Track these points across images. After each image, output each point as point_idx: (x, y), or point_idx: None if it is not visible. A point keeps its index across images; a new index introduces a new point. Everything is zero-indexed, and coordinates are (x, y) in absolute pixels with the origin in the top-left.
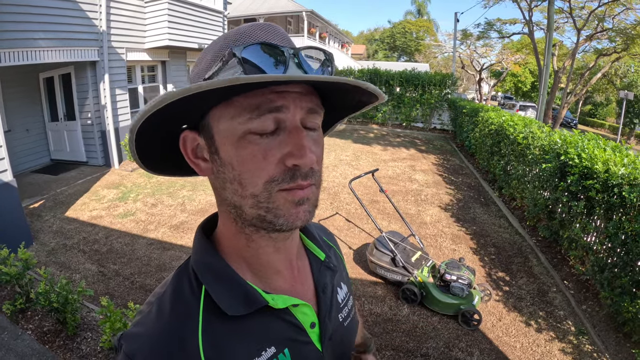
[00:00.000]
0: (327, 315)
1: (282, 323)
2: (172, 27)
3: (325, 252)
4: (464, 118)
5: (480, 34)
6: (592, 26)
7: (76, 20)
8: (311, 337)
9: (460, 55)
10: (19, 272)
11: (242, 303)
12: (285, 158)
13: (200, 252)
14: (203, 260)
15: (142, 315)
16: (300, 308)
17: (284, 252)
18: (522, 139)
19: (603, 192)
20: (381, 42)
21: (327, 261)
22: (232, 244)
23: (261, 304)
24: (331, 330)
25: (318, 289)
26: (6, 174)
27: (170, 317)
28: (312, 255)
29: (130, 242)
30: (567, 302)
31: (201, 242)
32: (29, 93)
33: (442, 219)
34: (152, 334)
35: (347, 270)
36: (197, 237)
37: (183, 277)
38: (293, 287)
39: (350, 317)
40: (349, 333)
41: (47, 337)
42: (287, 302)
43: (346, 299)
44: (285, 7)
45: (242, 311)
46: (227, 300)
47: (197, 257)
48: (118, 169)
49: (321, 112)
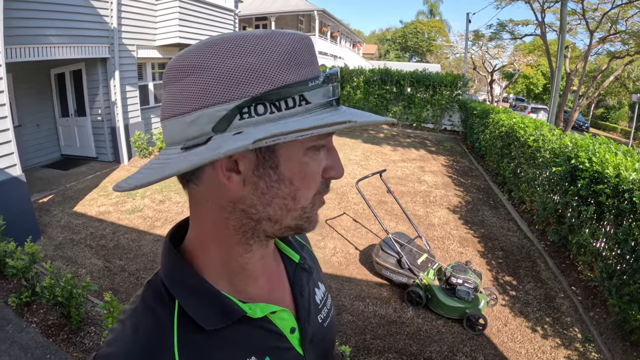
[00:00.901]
0: (306, 318)
1: (262, 331)
2: (182, 25)
3: (299, 252)
4: (475, 119)
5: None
6: (605, 28)
7: (87, 17)
8: (292, 342)
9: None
10: (25, 266)
11: (218, 315)
12: (326, 172)
13: (171, 264)
14: (174, 273)
15: (114, 333)
16: (278, 314)
17: (265, 259)
18: (532, 142)
19: (613, 197)
20: (393, 42)
21: (301, 263)
22: (212, 255)
23: (239, 314)
24: (311, 333)
25: (295, 292)
26: (15, 168)
27: (144, 334)
28: (287, 257)
29: (137, 238)
30: (574, 308)
31: (171, 254)
32: (40, 89)
33: (450, 221)
34: (126, 353)
35: (320, 266)
36: (166, 249)
37: (154, 291)
38: (270, 294)
39: (330, 317)
40: (330, 332)
41: (51, 331)
42: (265, 310)
43: (324, 299)
44: (296, 6)
45: (220, 324)
46: (202, 314)
47: (167, 270)
48: (127, 165)
49: None
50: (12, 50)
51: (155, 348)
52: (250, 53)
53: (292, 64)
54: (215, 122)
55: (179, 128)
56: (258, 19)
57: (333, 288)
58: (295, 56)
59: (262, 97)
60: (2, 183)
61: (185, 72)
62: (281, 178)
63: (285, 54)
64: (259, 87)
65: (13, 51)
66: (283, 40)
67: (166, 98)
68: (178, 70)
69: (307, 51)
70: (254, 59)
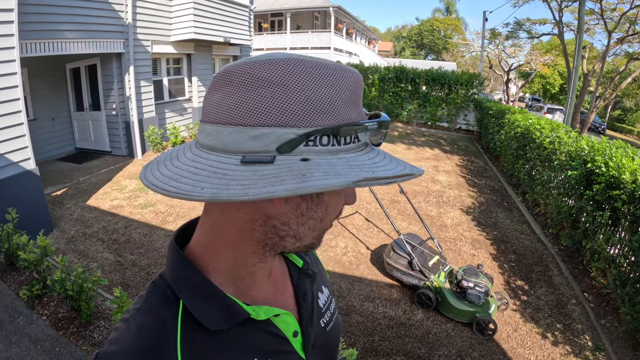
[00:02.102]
0: (309, 322)
1: (265, 334)
2: (197, 21)
3: (302, 258)
4: (490, 119)
5: (509, 34)
6: (623, 29)
7: (102, 12)
8: (294, 346)
9: (488, 55)
10: (37, 259)
11: (223, 316)
12: (344, 198)
13: (177, 265)
14: (180, 274)
15: (117, 332)
16: (281, 317)
17: (269, 264)
18: (548, 144)
19: (629, 204)
20: (408, 40)
21: (305, 267)
22: (223, 260)
23: (243, 316)
24: (314, 337)
25: (298, 296)
26: (29, 162)
27: (147, 334)
28: (290, 262)
29: (148, 232)
30: (586, 315)
31: (177, 256)
32: (56, 83)
33: (462, 222)
34: (128, 352)
35: (325, 271)
36: (172, 250)
37: (158, 291)
38: (274, 297)
39: (333, 322)
40: (332, 337)
41: (61, 324)
42: (268, 313)
43: (328, 303)
44: (312, 2)
45: (224, 325)
46: (207, 315)
47: (173, 271)
48: (141, 160)
49: None
50: (27, 45)
51: (157, 348)
52: (329, 85)
53: (355, 102)
54: (281, 142)
55: (237, 138)
56: (273, 15)
57: (343, 288)
58: (356, 94)
59: (331, 130)
60: (16, 176)
61: (258, 83)
62: (321, 202)
63: (351, 91)
64: (332, 120)
65: (28, 46)
66: (351, 78)
67: (220, 101)
68: (248, 78)
69: (361, 91)
70: (332, 91)
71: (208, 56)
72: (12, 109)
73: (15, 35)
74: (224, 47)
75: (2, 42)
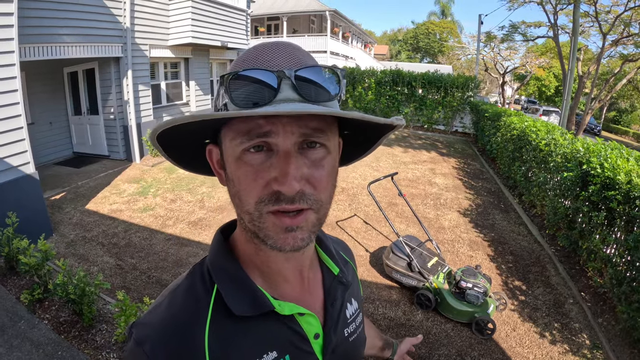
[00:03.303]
0: (332, 328)
1: (286, 330)
2: (195, 25)
3: (340, 267)
4: (486, 122)
5: (504, 37)
6: (618, 31)
7: (100, 16)
8: (314, 348)
9: (484, 58)
10: (38, 263)
11: (249, 304)
12: (272, 182)
13: (217, 253)
14: (218, 261)
15: (154, 305)
16: (305, 317)
17: (293, 262)
18: (544, 146)
19: (625, 204)
20: (404, 43)
21: (340, 276)
22: (245, 249)
23: (267, 307)
24: (335, 344)
25: (327, 301)
26: (29, 166)
27: (181, 310)
28: (326, 268)
29: (148, 236)
30: (583, 314)
31: (218, 244)
32: (53, 87)
33: (460, 224)
34: (161, 324)
35: (361, 288)
36: (215, 239)
37: (198, 274)
38: (301, 297)
39: (357, 334)
40: (354, 349)
41: (63, 328)
42: (293, 310)
43: (355, 315)
44: (308, 6)
45: (249, 312)
46: (235, 301)
47: (213, 257)
48: (139, 164)
49: (329, 131)
50: (26, 49)
51: (188, 324)
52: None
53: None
54: None
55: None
56: (270, 19)
57: None
58: (256, 58)
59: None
60: (16, 180)
61: None
62: (229, 178)
63: (253, 55)
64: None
65: (27, 50)
66: (258, 46)
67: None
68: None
69: (262, 54)
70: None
71: (205, 60)
72: (11, 113)
73: (14, 40)
74: (221, 51)
75: (2, 46)
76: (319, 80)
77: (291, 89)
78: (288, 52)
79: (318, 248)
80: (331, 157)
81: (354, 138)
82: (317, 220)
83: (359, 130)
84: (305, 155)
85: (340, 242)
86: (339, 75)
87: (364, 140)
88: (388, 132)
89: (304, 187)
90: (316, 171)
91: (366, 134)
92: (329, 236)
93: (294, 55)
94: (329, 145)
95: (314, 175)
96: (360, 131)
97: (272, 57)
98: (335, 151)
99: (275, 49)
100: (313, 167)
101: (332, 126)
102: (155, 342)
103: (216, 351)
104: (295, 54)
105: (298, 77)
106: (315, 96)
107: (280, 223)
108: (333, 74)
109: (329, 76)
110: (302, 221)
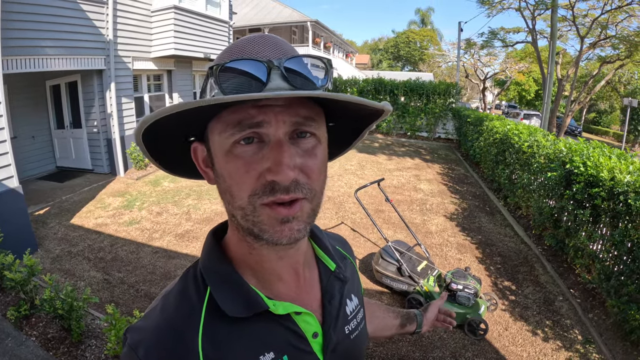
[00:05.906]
0: (331, 326)
1: (283, 330)
2: (178, 37)
3: (336, 262)
4: (469, 127)
5: (484, 43)
6: (595, 34)
7: (83, 29)
8: (313, 347)
9: (464, 65)
10: (23, 279)
11: (242, 305)
12: (265, 173)
13: (209, 255)
14: (210, 263)
15: (149, 310)
16: (302, 316)
17: (287, 260)
18: (527, 148)
19: (609, 200)
20: (385, 52)
21: (337, 272)
22: (237, 250)
23: (261, 308)
24: (335, 342)
25: (324, 299)
26: (12, 180)
27: (174, 314)
28: (323, 264)
29: (135, 250)
30: (573, 310)
31: (210, 246)
32: (35, 100)
33: (447, 228)
34: (155, 328)
35: (360, 282)
36: (207, 241)
37: (191, 277)
38: (297, 295)
39: (359, 330)
40: (356, 346)
41: (51, 344)
42: (288, 309)
43: (355, 312)
44: (289, 17)
45: (243, 313)
46: (228, 302)
47: (205, 259)
48: (124, 177)
49: (319, 120)
50: (8, 62)
51: (180, 328)
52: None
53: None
54: None
55: None
56: (251, 30)
57: None
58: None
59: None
60: (0, 195)
61: None
62: (218, 174)
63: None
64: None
65: (9, 62)
66: (244, 39)
67: None
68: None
69: (261, 43)
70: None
71: (188, 72)
72: None
73: None
74: (204, 63)
75: None
76: (306, 69)
77: (280, 78)
78: (274, 43)
79: (313, 244)
80: (322, 147)
81: (338, 131)
82: (311, 210)
83: (344, 121)
84: (297, 145)
85: (338, 237)
86: (327, 65)
87: (350, 132)
88: (375, 120)
89: (298, 176)
90: (309, 160)
91: (352, 125)
92: (325, 232)
93: (280, 46)
94: (319, 134)
95: (307, 164)
96: (346, 122)
97: (260, 48)
98: (325, 141)
99: (262, 40)
100: (306, 156)
101: (321, 116)
102: (149, 347)
103: (210, 354)
104: (282, 45)
105: (287, 68)
106: (304, 85)
107: (276, 214)
108: (321, 63)
109: (317, 65)
110: (298, 210)
